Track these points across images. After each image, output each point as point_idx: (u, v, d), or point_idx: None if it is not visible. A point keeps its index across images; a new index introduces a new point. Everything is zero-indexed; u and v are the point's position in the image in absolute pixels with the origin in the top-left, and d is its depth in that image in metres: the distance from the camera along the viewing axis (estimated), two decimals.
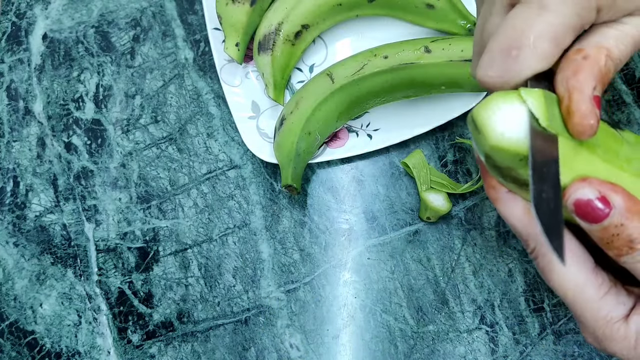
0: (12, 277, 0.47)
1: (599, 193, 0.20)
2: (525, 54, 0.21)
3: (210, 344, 0.44)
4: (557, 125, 0.21)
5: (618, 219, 0.20)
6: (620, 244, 0.21)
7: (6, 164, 0.49)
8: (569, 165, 0.21)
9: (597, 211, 0.20)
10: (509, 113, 0.21)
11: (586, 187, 0.20)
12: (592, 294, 0.22)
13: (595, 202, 0.20)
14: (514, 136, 0.21)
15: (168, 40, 0.51)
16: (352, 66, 0.43)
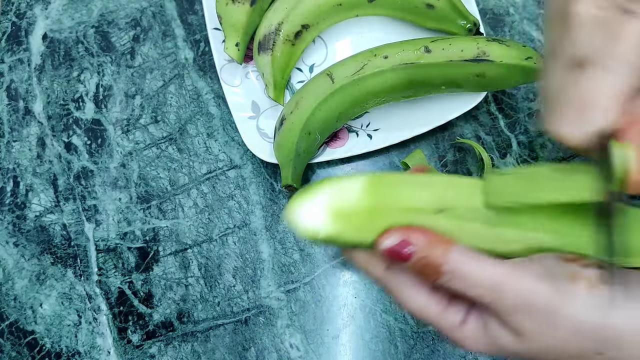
0: (12, 277, 0.47)
1: (399, 238, 0.25)
2: (595, 112, 0.24)
3: (210, 344, 0.44)
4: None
5: (421, 253, 0.25)
6: (431, 272, 0.25)
7: (6, 164, 0.49)
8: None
9: (402, 254, 0.25)
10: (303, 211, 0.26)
11: (388, 237, 0.25)
12: (434, 310, 0.27)
13: (398, 246, 0.25)
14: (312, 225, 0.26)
15: (168, 40, 0.51)
16: (352, 66, 0.43)
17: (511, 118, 0.46)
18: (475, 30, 0.45)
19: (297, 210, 0.26)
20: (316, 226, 0.26)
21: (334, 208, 0.26)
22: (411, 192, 0.26)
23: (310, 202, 0.26)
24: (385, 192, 0.26)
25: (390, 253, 0.25)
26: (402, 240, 0.25)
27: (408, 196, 0.26)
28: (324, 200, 0.26)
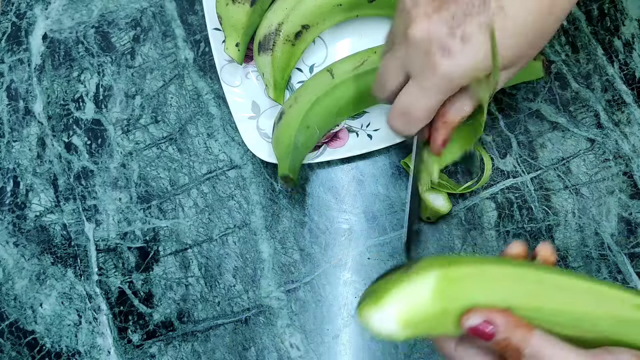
0: (12, 277, 0.47)
1: (484, 318, 0.27)
2: (413, 120, 0.34)
3: (211, 343, 0.44)
4: None
5: (503, 335, 0.26)
6: (512, 353, 0.27)
7: (6, 164, 0.49)
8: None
9: (485, 333, 0.27)
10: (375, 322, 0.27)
11: (472, 316, 0.27)
12: None
13: (482, 325, 0.27)
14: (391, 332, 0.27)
15: (168, 40, 0.51)
16: (352, 62, 0.43)
17: (511, 118, 0.46)
18: None
19: (369, 319, 0.27)
20: (390, 333, 0.27)
21: (405, 318, 0.27)
22: (482, 290, 0.27)
23: (380, 313, 0.27)
24: (455, 292, 0.27)
25: (474, 331, 0.27)
26: (484, 320, 0.27)
27: (479, 294, 0.27)
28: (394, 311, 0.27)
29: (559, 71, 0.47)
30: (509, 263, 0.29)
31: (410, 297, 0.27)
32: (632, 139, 0.45)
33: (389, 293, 0.27)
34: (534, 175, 0.45)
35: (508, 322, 0.27)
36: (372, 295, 0.27)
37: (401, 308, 0.27)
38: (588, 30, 0.47)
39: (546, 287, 0.28)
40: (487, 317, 0.27)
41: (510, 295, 0.27)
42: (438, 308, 0.27)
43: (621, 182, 0.44)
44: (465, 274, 0.27)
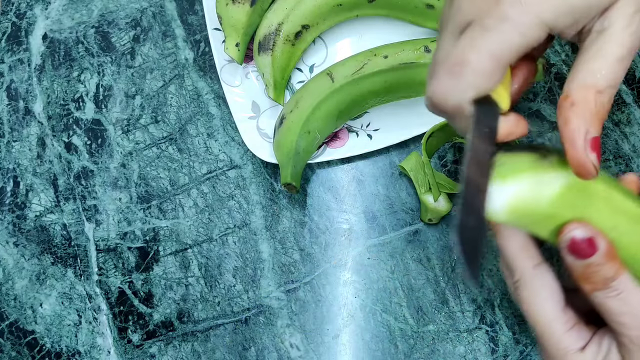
0: (12, 277, 0.47)
1: (589, 235, 0.24)
2: (466, 71, 0.23)
3: (211, 343, 0.44)
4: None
5: (600, 260, 0.24)
6: (597, 280, 0.25)
7: (6, 164, 0.49)
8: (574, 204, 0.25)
9: (585, 250, 0.24)
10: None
11: (581, 228, 0.24)
12: (558, 328, 0.26)
13: (585, 242, 0.24)
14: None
15: (168, 40, 0.51)
16: (352, 66, 0.43)
17: None
18: None
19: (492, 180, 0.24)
20: (493, 210, 0.24)
21: (521, 202, 0.24)
22: (607, 216, 0.25)
23: (497, 189, 0.24)
24: (580, 204, 0.25)
25: (573, 244, 0.24)
26: (590, 237, 0.24)
27: (602, 219, 0.25)
28: (514, 191, 0.24)
29: (559, 71, 0.47)
30: (635, 200, 0.26)
31: (533, 187, 0.24)
32: (632, 139, 0.45)
33: (516, 174, 0.24)
34: None
35: (609, 251, 0.25)
36: (498, 167, 0.25)
37: (523, 191, 0.24)
38: None
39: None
40: (593, 236, 0.24)
41: (621, 232, 0.25)
42: (552, 210, 0.25)
43: None
44: (594, 190, 0.25)
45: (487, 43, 0.23)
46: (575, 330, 0.26)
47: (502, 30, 0.23)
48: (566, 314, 0.26)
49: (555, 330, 0.26)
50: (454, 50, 0.24)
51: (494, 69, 0.23)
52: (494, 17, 0.23)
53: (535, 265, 0.27)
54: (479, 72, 0.23)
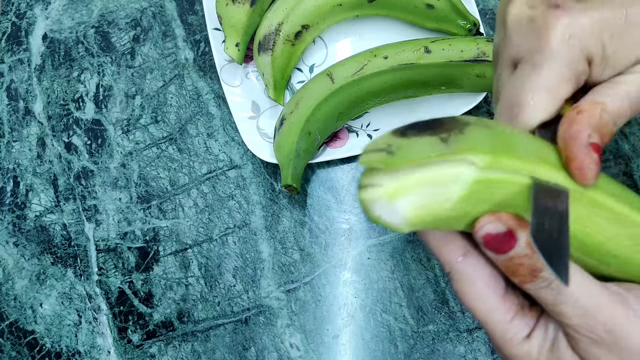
0: (12, 277, 0.47)
1: (506, 228, 0.22)
2: (525, 110, 0.24)
3: (211, 343, 0.44)
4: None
5: (522, 251, 0.22)
6: (524, 273, 0.22)
7: (6, 164, 0.49)
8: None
9: (503, 244, 0.22)
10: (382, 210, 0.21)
11: (495, 220, 0.22)
12: (500, 318, 0.24)
13: (502, 235, 0.22)
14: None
15: (168, 40, 0.51)
16: (352, 66, 0.43)
17: None
18: (475, 31, 0.45)
19: (371, 204, 0.21)
20: (398, 224, 0.22)
21: (417, 214, 0.21)
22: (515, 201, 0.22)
23: (389, 205, 0.21)
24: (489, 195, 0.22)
25: (488, 240, 0.22)
26: (508, 229, 0.22)
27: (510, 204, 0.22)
28: (406, 205, 0.21)
29: None
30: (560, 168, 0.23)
31: (433, 191, 0.21)
32: (632, 139, 0.45)
33: (409, 177, 0.21)
34: None
35: None
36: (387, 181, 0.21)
37: (417, 202, 0.21)
38: None
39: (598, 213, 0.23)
40: (513, 227, 0.22)
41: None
42: (462, 210, 0.22)
43: (621, 182, 0.44)
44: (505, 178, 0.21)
45: (539, 80, 0.24)
46: (518, 318, 0.24)
47: (552, 67, 0.24)
48: (506, 302, 0.24)
49: (498, 321, 0.24)
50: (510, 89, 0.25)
51: (549, 103, 0.24)
52: (543, 53, 0.24)
53: (462, 256, 0.24)
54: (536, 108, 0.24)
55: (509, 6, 0.26)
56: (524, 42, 0.25)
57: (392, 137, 0.21)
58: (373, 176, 0.21)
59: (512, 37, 0.26)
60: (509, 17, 0.26)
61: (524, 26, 0.25)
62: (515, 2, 0.26)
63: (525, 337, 0.24)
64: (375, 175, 0.21)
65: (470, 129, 0.22)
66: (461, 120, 0.22)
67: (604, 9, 0.24)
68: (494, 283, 0.24)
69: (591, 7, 0.24)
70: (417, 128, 0.22)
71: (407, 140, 0.21)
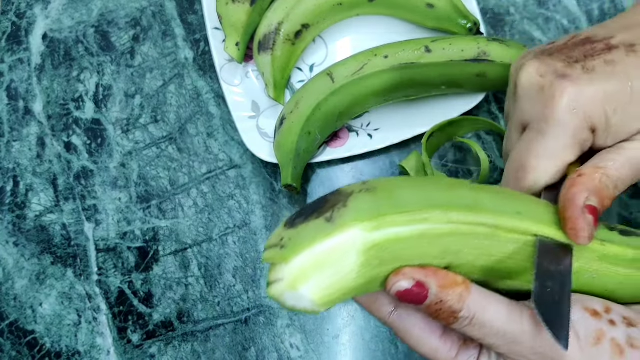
0: (12, 276, 0.47)
1: (414, 280, 0.22)
2: (529, 174, 0.26)
3: (211, 343, 0.44)
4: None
5: (436, 297, 0.23)
6: (446, 316, 0.23)
7: (6, 164, 0.49)
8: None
9: (416, 296, 0.23)
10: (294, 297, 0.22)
11: (401, 278, 0.23)
12: (445, 356, 0.25)
13: (412, 289, 0.22)
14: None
15: (168, 40, 0.51)
16: (353, 66, 0.43)
17: None
18: (476, 30, 0.45)
19: (280, 295, 0.22)
20: (313, 308, 0.22)
21: (329, 290, 0.22)
22: (415, 250, 0.23)
23: (293, 293, 0.21)
24: (386, 256, 0.22)
25: (402, 295, 0.23)
26: (416, 282, 0.23)
27: (412, 255, 0.23)
28: (314, 286, 0.21)
29: None
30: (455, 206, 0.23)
31: (332, 269, 0.22)
32: None
33: (301, 268, 0.21)
34: None
35: (442, 283, 0.23)
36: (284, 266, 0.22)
37: (319, 284, 0.22)
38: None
39: (498, 243, 0.23)
40: (420, 278, 0.22)
41: (450, 255, 0.23)
42: (369, 276, 0.22)
43: None
44: (394, 235, 0.22)
45: (543, 148, 0.26)
46: (462, 352, 0.25)
47: (556, 136, 0.26)
48: (447, 341, 0.25)
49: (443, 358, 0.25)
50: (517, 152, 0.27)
51: (553, 168, 0.26)
52: (548, 122, 0.26)
53: (391, 312, 0.25)
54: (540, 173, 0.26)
55: (520, 71, 0.27)
56: (532, 109, 0.27)
57: (283, 230, 0.23)
58: (276, 271, 0.22)
59: (521, 102, 0.27)
60: (520, 83, 0.27)
61: (533, 93, 0.27)
62: (527, 69, 0.27)
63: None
64: (278, 270, 0.22)
65: (353, 199, 0.22)
66: (345, 192, 0.23)
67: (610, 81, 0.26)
68: (429, 327, 0.25)
69: (597, 78, 0.26)
70: (304, 214, 0.23)
71: (295, 230, 0.22)
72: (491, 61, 0.41)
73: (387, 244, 0.22)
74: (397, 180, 0.24)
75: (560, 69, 0.26)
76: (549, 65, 0.27)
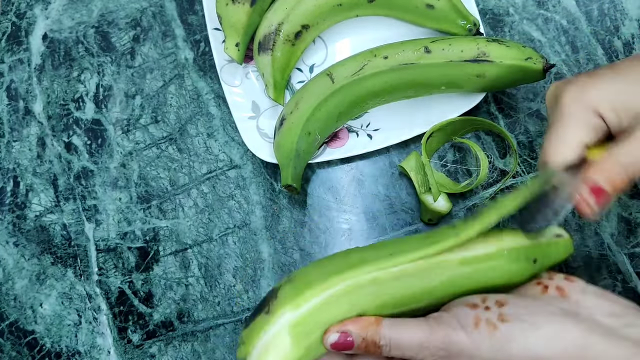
0: (12, 277, 0.47)
1: (338, 332, 0.29)
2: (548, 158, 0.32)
3: (211, 343, 0.44)
4: None
5: (359, 339, 0.29)
6: (373, 349, 0.29)
7: (6, 164, 0.49)
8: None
9: (344, 343, 0.29)
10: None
11: (329, 335, 0.29)
12: None
13: (339, 339, 0.29)
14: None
15: (168, 40, 0.51)
16: (352, 66, 0.43)
17: (511, 118, 0.46)
18: (475, 31, 0.45)
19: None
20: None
21: None
22: (332, 312, 0.29)
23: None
24: (310, 326, 0.29)
25: (336, 346, 0.29)
26: (341, 333, 0.29)
27: (331, 317, 0.29)
28: None
29: (559, 71, 0.47)
30: (345, 269, 0.30)
31: (274, 349, 0.28)
32: None
33: (256, 356, 0.29)
34: (534, 175, 0.45)
35: (359, 325, 0.29)
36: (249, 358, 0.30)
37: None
38: (588, 30, 0.47)
39: (382, 283, 0.30)
40: (341, 329, 0.29)
41: (356, 305, 0.29)
42: (304, 347, 0.29)
43: None
44: (311, 307, 0.29)
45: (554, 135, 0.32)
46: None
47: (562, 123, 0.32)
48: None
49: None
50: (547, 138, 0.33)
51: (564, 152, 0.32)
52: (556, 115, 0.32)
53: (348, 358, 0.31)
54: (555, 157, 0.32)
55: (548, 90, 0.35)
56: (551, 111, 0.34)
57: (243, 331, 0.30)
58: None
59: (547, 109, 0.35)
60: (546, 96, 0.35)
61: (552, 101, 0.34)
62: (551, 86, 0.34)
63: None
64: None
65: (281, 290, 0.30)
66: (276, 287, 0.31)
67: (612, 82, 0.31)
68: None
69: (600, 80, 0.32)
70: (253, 314, 0.30)
71: (248, 329, 0.30)
72: (490, 61, 0.41)
73: (307, 316, 0.29)
74: (309, 265, 0.32)
75: (570, 78, 0.32)
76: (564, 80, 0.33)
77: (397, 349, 0.29)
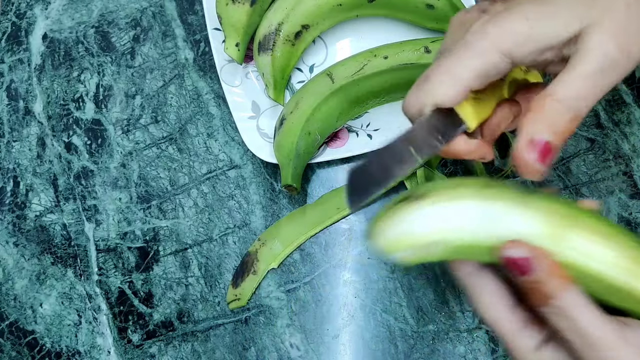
0: (12, 277, 0.47)
1: (527, 255, 0.24)
2: (426, 84, 0.27)
3: (211, 343, 0.44)
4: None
5: (538, 277, 0.24)
6: (539, 297, 0.24)
7: (6, 164, 0.49)
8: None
9: (522, 268, 0.24)
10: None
11: (518, 248, 0.24)
12: (510, 327, 0.26)
13: (521, 261, 0.24)
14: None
15: (168, 40, 0.51)
16: (352, 66, 0.43)
17: None
18: None
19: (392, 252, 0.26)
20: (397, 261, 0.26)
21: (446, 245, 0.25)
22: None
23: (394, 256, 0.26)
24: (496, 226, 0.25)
25: (510, 262, 0.24)
26: (528, 257, 0.24)
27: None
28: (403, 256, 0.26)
29: None
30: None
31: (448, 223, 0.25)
32: (632, 139, 0.45)
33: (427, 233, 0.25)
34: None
35: (550, 269, 0.24)
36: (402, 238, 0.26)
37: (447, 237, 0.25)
38: None
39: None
40: (532, 255, 0.24)
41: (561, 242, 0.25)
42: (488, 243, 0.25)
43: (621, 182, 0.44)
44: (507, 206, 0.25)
45: (446, 63, 0.26)
46: (527, 329, 0.26)
47: (461, 55, 0.26)
48: (515, 314, 0.26)
49: (506, 329, 0.26)
50: (427, 69, 0.27)
51: (449, 85, 0.26)
52: (458, 44, 0.26)
53: (470, 273, 0.27)
54: (436, 85, 0.26)
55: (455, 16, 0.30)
56: (451, 39, 0.29)
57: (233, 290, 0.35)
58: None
59: (447, 35, 0.29)
60: (451, 21, 0.30)
61: (456, 27, 0.29)
62: (460, 12, 0.30)
63: (535, 347, 0.26)
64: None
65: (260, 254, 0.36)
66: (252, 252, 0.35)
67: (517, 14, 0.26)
68: (501, 295, 0.26)
69: (515, 11, 0.26)
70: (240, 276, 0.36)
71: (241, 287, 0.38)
72: None
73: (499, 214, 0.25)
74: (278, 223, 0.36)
75: (484, 5, 0.27)
76: (476, 6, 0.29)
77: (564, 322, 0.24)
